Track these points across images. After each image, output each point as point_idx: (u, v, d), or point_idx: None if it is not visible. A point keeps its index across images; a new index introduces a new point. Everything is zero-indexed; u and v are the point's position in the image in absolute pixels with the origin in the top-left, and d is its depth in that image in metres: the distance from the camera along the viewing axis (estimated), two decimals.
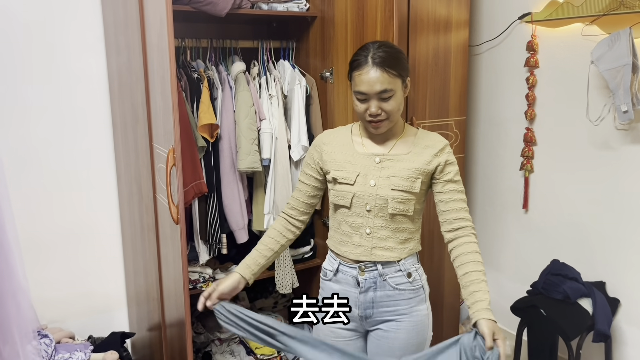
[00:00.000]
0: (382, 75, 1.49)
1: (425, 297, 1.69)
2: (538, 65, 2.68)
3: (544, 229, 2.75)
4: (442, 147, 1.61)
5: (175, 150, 1.71)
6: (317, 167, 1.68)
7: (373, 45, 1.53)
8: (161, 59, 1.76)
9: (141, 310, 2.47)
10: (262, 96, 2.41)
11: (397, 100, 1.53)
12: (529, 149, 2.76)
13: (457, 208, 1.57)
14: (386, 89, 1.50)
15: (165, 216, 1.93)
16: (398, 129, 1.64)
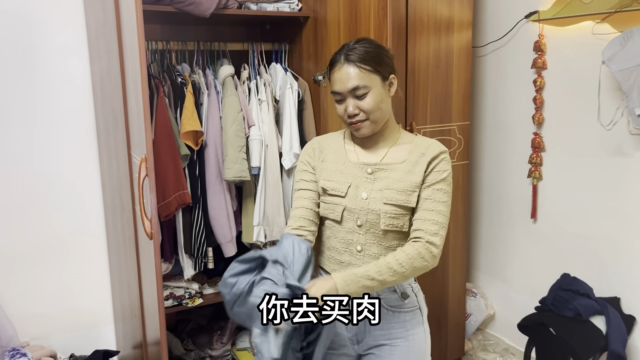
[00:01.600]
0: (355, 71, 1.39)
1: (423, 319, 1.54)
2: (546, 66, 2.52)
3: (553, 240, 2.58)
4: (437, 154, 1.46)
5: (147, 160, 1.59)
6: (315, 172, 1.54)
7: (350, 43, 1.44)
8: (133, 62, 1.64)
9: (126, 327, 2.36)
10: (252, 101, 2.29)
11: (375, 98, 1.40)
12: (537, 155, 2.60)
13: (422, 219, 1.41)
14: (358, 85, 1.39)
15: (143, 230, 1.81)
16: (391, 135, 1.50)
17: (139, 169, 1.64)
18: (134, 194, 1.92)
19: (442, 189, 1.43)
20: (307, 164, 1.56)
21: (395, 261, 1.34)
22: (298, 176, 1.58)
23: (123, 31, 1.79)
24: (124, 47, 1.82)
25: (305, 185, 1.55)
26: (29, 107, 2.33)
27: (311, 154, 1.56)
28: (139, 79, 1.58)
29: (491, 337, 2.92)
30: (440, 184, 1.43)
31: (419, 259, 1.36)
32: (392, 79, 1.46)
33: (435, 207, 1.41)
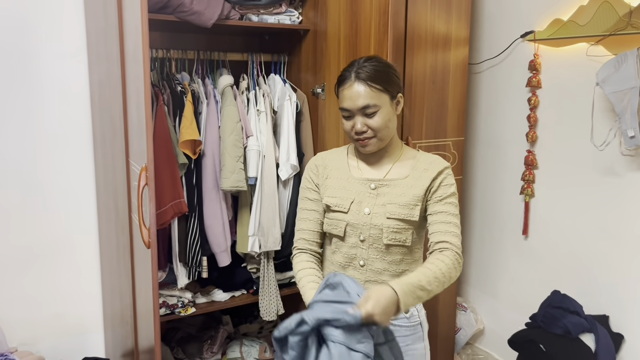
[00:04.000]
0: (365, 90, 1.41)
1: (424, 335, 1.56)
2: (540, 85, 2.57)
3: (544, 256, 2.62)
4: (441, 170, 1.49)
5: (147, 168, 1.59)
6: (319, 190, 1.56)
7: (359, 61, 1.46)
8: (135, 70, 1.64)
9: (116, 334, 2.34)
10: (250, 111, 2.30)
11: (383, 117, 1.43)
12: (530, 173, 2.63)
13: (442, 231, 1.43)
14: (369, 104, 1.41)
15: (139, 238, 1.80)
16: (395, 151, 1.52)
17: (138, 178, 1.64)
18: (131, 202, 1.92)
19: (452, 202, 1.47)
20: (310, 181, 1.58)
21: (439, 270, 1.34)
22: (302, 194, 1.60)
23: (126, 39, 1.80)
24: (125, 55, 1.82)
25: (309, 206, 1.57)
26: (24, 112, 2.31)
27: (315, 171, 1.57)
28: (141, 87, 1.58)
29: (480, 352, 2.94)
30: (451, 197, 1.47)
31: (454, 269, 1.38)
32: (400, 98, 1.49)
33: (452, 220, 1.45)
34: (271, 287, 2.36)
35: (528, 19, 2.58)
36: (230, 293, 2.39)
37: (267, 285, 2.36)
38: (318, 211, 1.56)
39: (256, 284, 2.41)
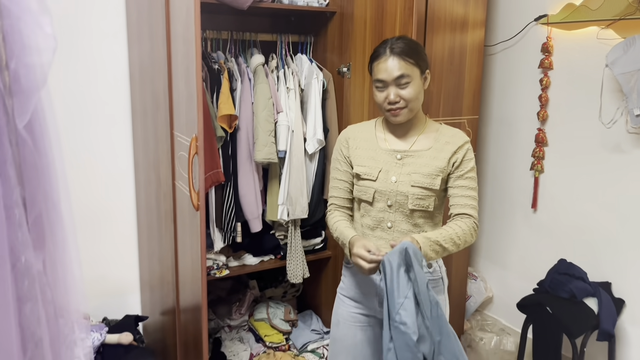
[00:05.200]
0: (400, 62, 1.57)
1: (444, 288, 1.73)
2: (552, 67, 2.71)
3: (552, 229, 2.79)
4: (462, 144, 1.65)
5: (198, 139, 1.76)
6: (348, 161, 1.73)
7: (392, 39, 1.62)
8: (186, 49, 1.80)
9: (154, 295, 2.53)
10: (280, 89, 2.45)
11: (415, 89, 1.59)
12: (540, 150, 2.79)
13: (462, 204, 1.61)
14: (403, 74, 1.57)
15: (185, 203, 1.98)
16: (419, 124, 1.68)
17: (189, 147, 1.80)
18: (175, 170, 2.09)
19: (472, 177, 1.64)
20: (340, 153, 1.75)
21: (455, 234, 1.55)
22: (333, 164, 1.78)
23: (173, 19, 1.94)
24: (171, 34, 1.97)
25: (339, 175, 1.75)
26: (67, 87, 2.46)
27: (345, 144, 1.74)
28: (192, 66, 1.74)
29: (489, 318, 3.13)
30: (471, 172, 1.64)
31: (469, 235, 1.58)
32: (427, 74, 1.65)
33: (471, 194, 1.62)
34: (298, 253, 2.55)
35: (542, 3, 2.72)
36: (260, 258, 2.58)
37: (294, 251, 2.54)
38: (347, 181, 1.74)
39: (283, 250, 2.60)
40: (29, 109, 0.70)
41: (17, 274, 0.71)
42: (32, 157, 0.72)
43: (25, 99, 0.70)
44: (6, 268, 0.70)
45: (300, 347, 2.67)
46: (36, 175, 0.74)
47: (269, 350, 2.65)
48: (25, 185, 0.73)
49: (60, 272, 0.81)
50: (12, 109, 0.68)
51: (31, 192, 0.73)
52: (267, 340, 2.65)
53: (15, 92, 0.69)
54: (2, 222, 0.68)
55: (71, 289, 0.84)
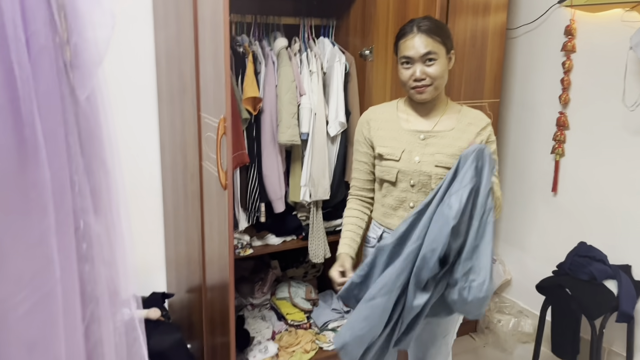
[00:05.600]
0: (427, 39, 1.59)
1: None
2: (575, 49, 2.70)
3: (572, 212, 2.80)
4: (484, 126, 1.68)
5: (226, 119, 1.80)
6: (369, 143, 1.76)
7: (418, 19, 1.65)
8: (214, 33, 1.84)
9: (180, 273, 2.60)
10: (303, 72, 2.48)
11: (441, 66, 1.61)
12: (561, 133, 2.79)
13: None
14: (430, 51, 1.59)
15: (212, 183, 2.03)
16: (441, 105, 1.71)
17: (217, 128, 1.85)
18: (202, 151, 2.14)
19: (495, 159, 1.66)
20: (361, 134, 1.79)
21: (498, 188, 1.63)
22: (355, 146, 1.82)
23: (200, 2, 1.98)
24: (199, 17, 2.01)
25: (360, 157, 1.80)
26: None
27: (366, 126, 1.77)
28: (221, 49, 1.78)
29: (507, 301, 3.16)
30: (494, 154, 1.66)
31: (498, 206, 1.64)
32: (452, 54, 1.67)
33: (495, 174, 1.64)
34: (319, 233, 2.60)
35: None
36: (282, 238, 2.63)
37: (315, 231, 2.59)
38: (368, 162, 1.77)
39: (305, 231, 2.65)
40: (90, 82, 0.75)
41: (78, 237, 0.77)
42: (91, 128, 0.77)
43: (86, 73, 0.75)
44: (71, 230, 0.75)
45: (321, 326, 2.73)
46: (93, 145, 0.79)
47: (290, 328, 2.72)
48: (84, 154, 0.78)
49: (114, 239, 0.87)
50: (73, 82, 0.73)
51: (89, 161, 0.78)
52: (288, 318, 2.72)
53: (76, 66, 0.73)
54: (67, 187, 0.73)
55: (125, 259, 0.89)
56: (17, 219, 0.69)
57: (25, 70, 0.65)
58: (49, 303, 0.72)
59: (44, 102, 0.68)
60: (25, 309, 0.70)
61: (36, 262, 0.71)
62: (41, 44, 0.67)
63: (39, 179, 0.69)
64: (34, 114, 0.66)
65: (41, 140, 0.68)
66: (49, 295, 0.72)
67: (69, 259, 0.76)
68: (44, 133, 0.68)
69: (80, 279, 0.79)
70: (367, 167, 1.78)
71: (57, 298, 0.73)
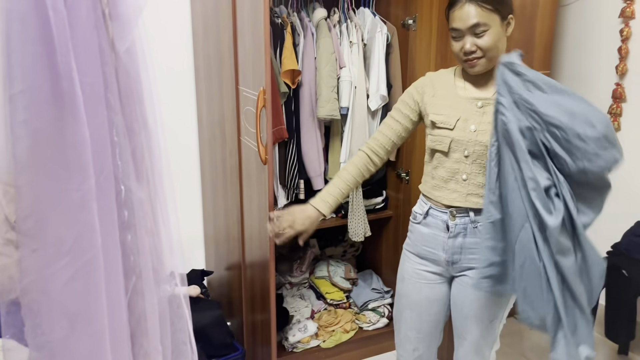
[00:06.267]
0: (476, 9, 1.46)
1: None
2: (634, 16, 2.52)
3: (627, 190, 2.64)
4: None
5: (265, 91, 1.74)
6: (416, 108, 1.66)
7: None
8: (253, 4, 1.77)
9: (220, 250, 2.58)
10: (343, 44, 2.39)
11: (492, 37, 1.49)
12: (618, 106, 2.63)
13: None
14: (479, 22, 1.47)
15: (251, 158, 1.98)
16: None
17: (256, 101, 1.79)
18: (240, 126, 2.09)
19: None
20: (412, 98, 1.67)
21: None
22: (397, 105, 1.71)
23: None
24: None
25: (397, 117, 1.69)
26: None
27: (420, 89, 1.66)
28: (261, 18, 1.71)
29: None
30: None
31: None
32: (510, 19, 1.53)
33: None
34: (359, 211, 2.53)
35: None
36: None
37: (355, 210, 2.52)
38: (402, 125, 1.68)
39: (344, 209, 2.58)
40: (128, 34, 0.69)
41: (119, 203, 0.72)
42: (131, 85, 0.72)
43: (124, 24, 0.69)
44: (112, 195, 0.71)
45: (361, 305, 2.68)
46: (135, 103, 0.73)
47: (330, 307, 2.67)
48: (125, 113, 0.72)
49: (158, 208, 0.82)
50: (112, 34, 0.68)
51: (130, 121, 0.73)
52: (328, 297, 2.67)
53: (114, 16, 0.67)
54: (107, 149, 0.68)
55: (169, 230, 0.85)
56: (56, 181, 0.64)
57: (61, 17, 0.59)
58: (91, 272, 0.68)
59: (82, 53, 0.63)
60: (66, 277, 0.66)
61: (77, 228, 0.66)
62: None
63: (79, 137, 0.64)
64: (71, 65, 0.61)
65: (79, 95, 0.62)
66: (91, 263, 0.68)
67: (110, 226, 0.71)
68: (82, 87, 0.63)
69: (122, 249, 0.74)
70: (399, 129, 1.68)
71: (99, 267, 0.69)
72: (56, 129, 0.62)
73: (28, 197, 0.63)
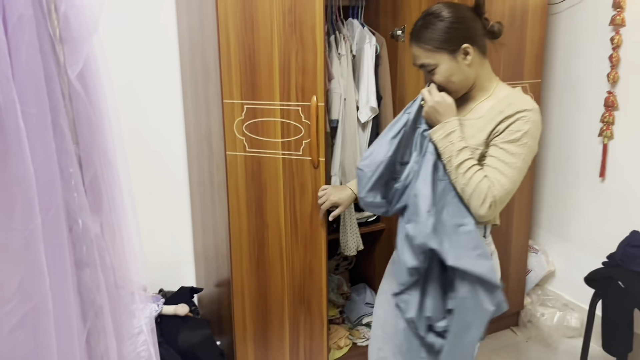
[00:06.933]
0: (419, 50, 1.47)
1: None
2: (624, 23, 2.50)
3: (622, 199, 2.61)
4: (512, 113, 1.43)
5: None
6: None
7: (419, 19, 1.49)
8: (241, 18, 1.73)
9: (209, 266, 2.53)
10: (331, 55, 2.36)
11: (443, 73, 1.46)
12: (610, 114, 2.60)
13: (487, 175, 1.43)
14: (424, 63, 1.47)
15: (238, 173, 1.94)
16: (480, 93, 1.55)
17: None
18: (227, 140, 2.05)
19: (509, 150, 1.42)
20: None
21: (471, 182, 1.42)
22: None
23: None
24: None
25: None
26: (117, 60, 2.45)
27: None
28: None
29: (550, 293, 3.00)
30: (510, 145, 1.42)
31: (478, 199, 1.42)
32: (466, 49, 1.45)
33: (500, 167, 1.42)
34: (352, 225, 2.48)
35: None
36: None
37: (347, 223, 2.48)
38: None
39: (336, 222, 2.54)
40: (81, 56, 0.65)
41: (74, 238, 0.68)
42: (86, 111, 0.67)
43: (76, 46, 0.64)
44: (63, 232, 0.66)
45: (354, 320, 2.63)
46: (91, 131, 0.69)
47: None
48: (80, 142, 0.68)
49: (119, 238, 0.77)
50: (63, 57, 0.63)
51: (86, 150, 0.69)
52: None
53: (65, 38, 0.63)
54: (57, 182, 0.64)
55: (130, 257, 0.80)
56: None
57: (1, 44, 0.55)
58: (38, 317, 0.63)
59: (25, 82, 0.58)
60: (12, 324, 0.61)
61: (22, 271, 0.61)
62: (20, 11, 0.56)
63: (22, 173, 0.59)
64: (12, 96, 0.56)
65: (22, 128, 0.58)
66: (39, 308, 0.63)
67: (61, 265, 0.66)
68: (26, 119, 0.58)
69: (79, 287, 0.69)
70: None
71: (47, 311, 0.64)
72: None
73: None
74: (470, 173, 1.42)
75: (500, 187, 1.41)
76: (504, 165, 1.42)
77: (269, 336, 2.21)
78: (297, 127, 1.98)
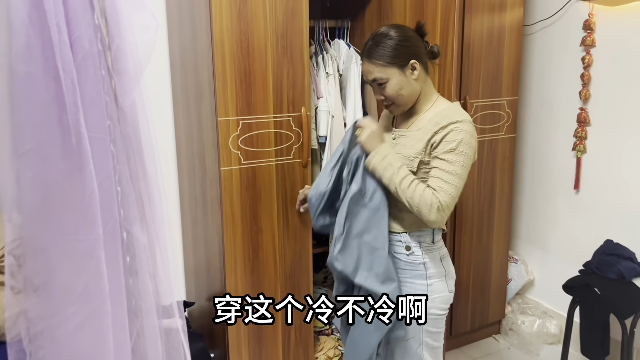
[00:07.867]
0: (371, 66, 1.61)
1: (426, 274, 1.68)
2: (595, 44, 2.65)
3: (596, 210, 2.75)
4: (445, 125, 1.56)
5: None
6: None
7: (370, 38, 1.64)
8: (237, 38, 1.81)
9: (200, 280, 2.57)
10: (319, 74, 2.45)
11: (393, 87, 1.60)
12: (582, 130, 2.75)
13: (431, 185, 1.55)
14: (375, 78, 1.61)
15: (233, 188, 2.00)
16: (422, 107, 1.68)
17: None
18: (220, 157, 2.11)
19: (448, 159, 1.55)
20: None
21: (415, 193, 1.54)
22: None
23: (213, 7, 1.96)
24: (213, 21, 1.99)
25: None
26: None
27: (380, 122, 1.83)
28: None
29: (530, 301, 3.11)
30: (448, 154, 1.55)
31: (426, 206, 1.54)
32: (413, 64, 1.60)
33: (442, 175, 1.55)
34: None
35: None
36: None
37: None
38: None
39: (325, 236, 2.61)
40: (134, 88, 0.72)
41: (122, 249, 0.74)
42: (134, 135, 0.75)
43: (129, 78, 0.72)
44: (118, 242, 0.73)
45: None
46: (137, 153, 0.76)
47: None
48: (129, 162, 0.75)
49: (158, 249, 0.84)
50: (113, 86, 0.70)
51: (133, 169, 0.76)
52: None
53: (118, 71, 0.70)
54: (114, 198, 0.70)
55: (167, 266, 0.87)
56: (66, 232, 0.66)
57: (71, 76, 0.62)
58: (99, 318, 0.70)
59: (89, 109, 0.66)
60: (75, 324, 0.68)
61: (86, 276, 0.68)
62: (85, 48, 0.64)
63: (88, 190, 0.66)
64: (80, 122, 0.64)
65: (88, 150, 0.65)
66: (99, 309, 0.70)
67: (117, 272, 0.73)
68: (91, 142, 0.65)
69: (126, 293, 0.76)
70: None
71: (107, 313, 0.71)
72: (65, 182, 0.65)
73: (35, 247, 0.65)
74: (413, 186, 1.56)
75: (444, 193, 1.54)
76: (445, 173, 1.55)
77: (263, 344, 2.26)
78: (288, 135, 2.15)
